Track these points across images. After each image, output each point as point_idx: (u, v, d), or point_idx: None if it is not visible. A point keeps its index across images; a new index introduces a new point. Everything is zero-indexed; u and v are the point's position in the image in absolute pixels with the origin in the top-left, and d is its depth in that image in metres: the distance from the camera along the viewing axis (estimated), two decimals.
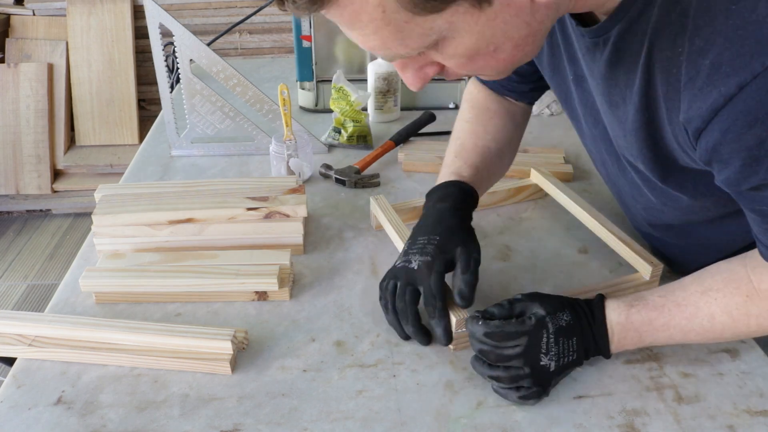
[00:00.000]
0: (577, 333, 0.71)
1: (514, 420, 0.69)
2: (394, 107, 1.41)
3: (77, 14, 2.79)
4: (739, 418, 0.69)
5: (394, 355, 0.78)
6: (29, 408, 0.71)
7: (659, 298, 0.71)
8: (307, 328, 0.82)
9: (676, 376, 0.74)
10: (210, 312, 0.85)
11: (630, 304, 0.72)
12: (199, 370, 0.75)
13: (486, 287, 0.89)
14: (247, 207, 0.93)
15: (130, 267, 0.88)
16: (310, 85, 1.45)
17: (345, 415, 0.70)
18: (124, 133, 2.87)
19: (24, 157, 2.79)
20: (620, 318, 0.71)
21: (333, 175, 1.17)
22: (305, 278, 0.91)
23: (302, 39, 1.39)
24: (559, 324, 0.70)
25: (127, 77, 2.83)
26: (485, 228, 1.02)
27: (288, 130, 1.15)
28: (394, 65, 0.64)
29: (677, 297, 0.71)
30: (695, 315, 0.69)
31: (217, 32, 1.80)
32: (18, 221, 2.90)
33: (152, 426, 0.69)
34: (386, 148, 1.27)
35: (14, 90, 2.76)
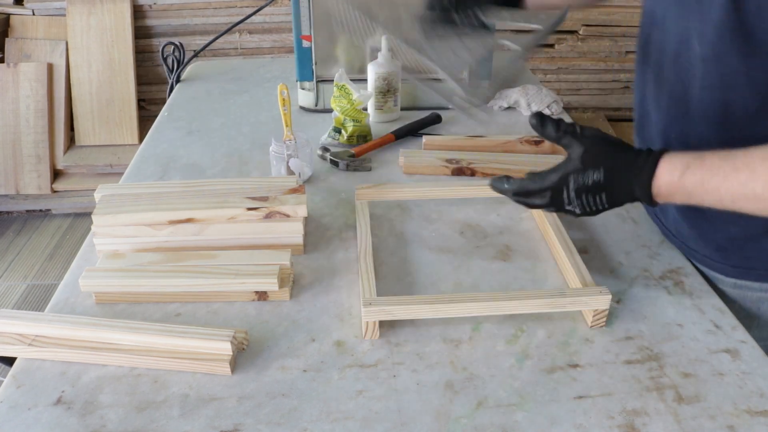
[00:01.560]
0: (608, 189, 0.73)
1: (514, 420, 0.69)
2: (394, 107, 1.41)
3: (77, 14, 2.79)
4: (740, 418, 0.69)
5: (394, 355, 0.78)
6: (29, 408, 0.71)
7: (718, 159, 0.69)
8: (307, 328, 0.82)
9: (676, 376, 0.74)
10: (210, 312, 0.85)
11: (687, 164, 0.70)
12: (199, 371, 0.75)
13: (486, 287, 0.89)
14: (247, 207, 0.93)
15: (130, 267, 0.88)
16: (310, 85, 1.45)
17: (345, 415, 0.70)
18: (124, 133, 2.87)
19: (24, 157, 2.79)
20: (673, 178, 0.71)
21: (328, 156, 1.23)
22: (305, 278, 0.91)
23: (302, 39, 1.38)
24: (583, 182, 0.73)
25: (127, 77, 2.83)
26: (485, 228, 1.02)
27: (288, 130, 1.15)
28: None
29: (737, 161, 0.68)
30: (750, 179, 0.66)
31: (217, 32, 1.80)
32: (18, 221, 2.90)
33: (152, 426, 0.69)
34: (386, 139, 1.28)
35: (14, 90, 2.76)
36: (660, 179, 0.72)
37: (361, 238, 0.94)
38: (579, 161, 0.74)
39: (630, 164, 0.73)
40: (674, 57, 0.83)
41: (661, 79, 0.87)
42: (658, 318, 0.84)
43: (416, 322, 0.83)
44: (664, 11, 0.85)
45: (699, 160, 0.70)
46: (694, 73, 0.80)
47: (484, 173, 1.18)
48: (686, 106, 0.83)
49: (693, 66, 0.79)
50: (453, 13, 0.92)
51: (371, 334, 0.80)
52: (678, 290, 0.89)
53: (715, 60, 0.76)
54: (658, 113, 0.90)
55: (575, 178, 0.74)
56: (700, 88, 0.80)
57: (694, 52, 0.79)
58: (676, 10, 0.82)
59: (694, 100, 0.82)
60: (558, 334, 0.81)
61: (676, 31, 0.82)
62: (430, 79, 0.82)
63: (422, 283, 0.90)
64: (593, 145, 0.75)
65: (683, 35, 0.80)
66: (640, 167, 0.72)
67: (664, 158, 0.72)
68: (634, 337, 0.81)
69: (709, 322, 0.83)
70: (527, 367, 0.76)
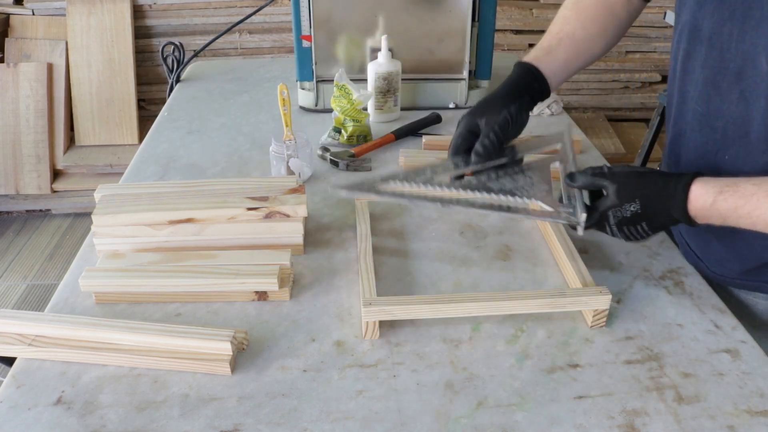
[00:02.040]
0: (647, 218, 0.75)
1: (514, 420, 0.69)
2: (394, 107, 1.41)
3: (77, 14, 2.79)
4: (740, 418, 0.69)
5: (394, 355, 0.78)
6: (29, 408, 0.71)
7: (752, 186, 0.71)
8: (307, 328, 0.82)
9: (676, 376, 0.74)
10: (210, 312, 0.85)
11: (720, 190, 0.72)
12: (199, 371, 0.75)
13: (486, 287, 0.89)
14: (247, 207, 0.93)
15: (130, 267, 0.88)
16: (310, 85, 1.45)
17: (345, 415, 0.70)
18: (124, 133, 2.87)
19: (24, 157, 2.79)
20: (706, 203, 0.73)
21: (328, 156, 1.23)
22: (305, 278, 0.91)
23: (302, 39, 1.38)
24: (622, 215, 0.76)
25: (126, 77, 2.83)
26: (485, 228, 1.02)
27: (288, 130, 1.15)
28: None
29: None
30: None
31: (217, 32, 1.80)
32: (18, 221, 2.90)
33: (152, 426, 0.69)
34: (386, 139, 1.29)
35: (14, 90, 2.76)
36: (693, 204, 0.74)
37: (361, 238, 0.94)
38: (615, 197, 0.77)
39: (662, 191, 0.75)
40: (737, 76, 0.80)
41: (714, 98, 0.84)
42: (658, 318, 0.84)
43: (416, 322, 0.83)
44: (716, 27, 0.82)
45: (733, 187, 0.72)
46: (760, 94, 0.78)
47: None
48: (746, 128, 0.81)
49: (759, 86, 0.78)
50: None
51: (371, 334, 0.80)
52: (678, 290, 0.89)
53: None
54: (702, 134, 0.88)
55: (614, 213, 0.77)
56: (766, 108, 0.78)
57: (762, 71, 0.77)
58: (733, 26, 0.79)
59: (756, 122, 0.79)
60: (558, 334, 0.81)
61: (737, 48, 0.79)
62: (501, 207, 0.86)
63: (422, 283, 0.90)
64: (626, 180, 0.77)
65: (748, 53, 0.78)
66: (672, 194, 0.74)
67: (696, 183, 0.74)
68: (634, 337, 0.81)
69: (709, 322, 0.83)
70: (527, 367, 0.76)
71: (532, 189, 0.87)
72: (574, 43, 0.98)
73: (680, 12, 0.90)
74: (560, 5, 1.03)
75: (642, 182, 0.77)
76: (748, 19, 0.77)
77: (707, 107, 0.86)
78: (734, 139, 0.83)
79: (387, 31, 1.37)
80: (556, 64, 0.96)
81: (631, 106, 3.13)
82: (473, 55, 1.44)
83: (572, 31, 0.98)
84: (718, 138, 0.85)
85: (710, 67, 0.84)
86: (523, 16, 2.92)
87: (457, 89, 1.47)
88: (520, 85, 0.93)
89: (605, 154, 1.21)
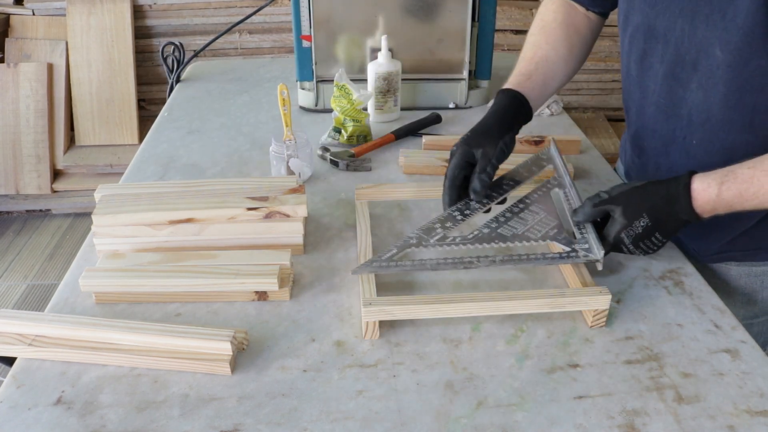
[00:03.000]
0: (658, 227, 0.77)
1: (514, 420, 0.69)
2: (394, 107, 1.41)
3: (77, 14, 2.79)
4: (740, 418, 0.69)
5: (394, 355, 0.78)
6: (29, 408, 0.71)
7: (748, 169, 0.74)
8: (307, 328, 0.82)
9: (676, 376, 0.74)
10: (210, 312, 0.85)
11: (721, 181, 0.75)
12: (199, 371, 0.75)
13: (486, 287, 0.89)
14: (247, 207, 0.93)
15: (130, 267, 0.88)
16: (310, 85, 1.45)
17: (345, 415, 0.70)
18: (124, 133, 2.87)
19: (24, 157, 2.79)
20: (711, 197, 0.76)
21: (328, 156, 1.22)
22: (305, 278, 0.91)
23: (302, 39, 1.38)
24: (635, 233, 0.78)
25: (126, 77, 2.83)
26: None
27: (288, 130, 1.15)
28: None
29: (765, 165, 0.74)
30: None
31: (217, 32, 1.80)
32: (18, 221, 2.90)
33: (152, 426, 0.69)
34: (386, 139, 1.29)
35: (14, 90, 2.76)
36: (699, 200, 0.76)
37: (361, 238, 0.94)
38: (623, 218, 0.79)
39: (666, 198, 0.77)
40: (693, 67, 0.86)
41: (675, 89, 0.89)
42: (658, 318, 0.84)
43: (416, 322, 0.83)
44: (669, 24, 0.87)
45: (731, 175, 0.75)
46: (717, 81, 0.83)
47: None
48: (708, 113, 0.86)
49: (715, 74, 0.82)
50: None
51: (371, 334, 0.80)
52: (678, 290, 0.89)
53: (743, 64, 0.80)
54: (668, 123, 0.92)
55: (627, 233, 0.79)
56: (725, 94, 0.83)
57: (716, 60, 0.82)
58: (684, 22, 0.84)
59: (716, 106, 0.85)
60: (558, 334, 0.81)
61: (690, 41, 0.84)
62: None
63: (422, 283, 0.90)
64: (627, 199, 0.79)
65: (701, 45, 0.83)
66: (675, 197, 0.77)
67: (695, 181, 0.77)
68: (634, 337, 0.81)
69: (709, 322, 0.83)
70: (527, 367, 0.76)
71: (543, 227, 0.89)
72: (549, 65, 1.02)
73: (629, 16, 0.94)
74: None
75: (644, 195, 0.79)
76: (696, 14, 0.82)
77: (670, 98, 0.91)
78: (698, 124, 0.88)
79: (387, 31, 1.37)
80: (537, 88, 1.01)
81: None
82: (473, 55, 1.44)
83: (545, 54, 1.02)
84: (684, 125, 0.90)
85: (668, 62, 0.89)
86: (523, 16, 2.92)
87: (457, 89, 1.47)
88: (509, 113, 0.96)
89: (605, 154, 1.21)
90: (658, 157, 0.98)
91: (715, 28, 0.80)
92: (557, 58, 1.02)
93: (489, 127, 0.93)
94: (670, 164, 0.96)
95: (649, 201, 0.79)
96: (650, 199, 0.79)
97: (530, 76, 1.00)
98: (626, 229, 0.79)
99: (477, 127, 0.94)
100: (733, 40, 0.79)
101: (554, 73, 1.02)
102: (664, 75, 0.90)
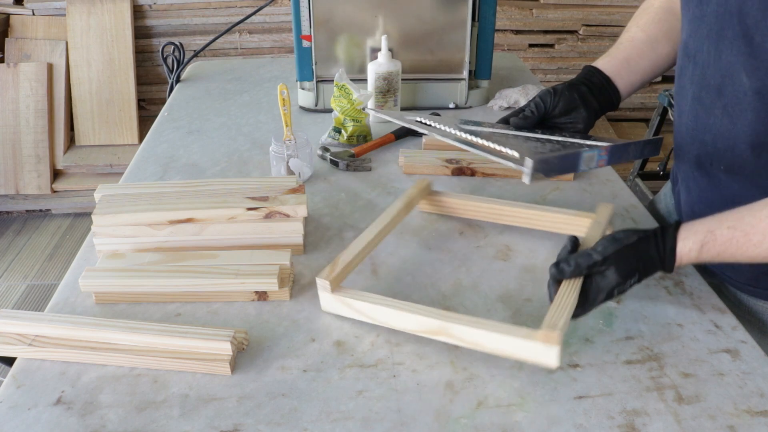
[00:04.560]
0: (642, 279, 0.78)
1: (514, 420, 0.69)
2: (394, 107, 1.41)
3: (77, 14, 2.79)
4: (740, 418, 0.69)
5: (394, 355, 0.78)
6: (29, 408, 0.71)
7: (728, 230, 0.74)
8: (307, 328, 0.82)
9: (677, 376, 0.74)
10: (210, 312, 0.85)
11: (701, 243, 0.75)
12: (199, 371, 0.75)
13: (486, 287, 0.89)
14: (247, 207, 0.93)
15: (130, 267, 0.88)
16: (310, 85, 1.45)
17: (345, 415, 0.70)
18: (124, 133, 2.87)
19: (24, 157, 2.79)
20: (690, 258, 0.77)
21: (328, 156, 1.23)
22: (305, 278, 0.91)
23: (302, 39, 1.38)
24: (625, 289, 0.78)
25: (126, 77, 2.83)
26: (485, 228, 1.02)
27: (288, 130, 1.15)
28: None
29: (746, 225, 0.73)
30: (762, 242, 0.72)
31: (217, 32, 1.80)
32: (18, 221, 2.90)
33: (152, 426, 0.69)
34: (386, 139, 1.29)
35: (14, 90, 2.76)
36: (681, 261, 0.77)
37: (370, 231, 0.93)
38: (616, 276, 0.77)
39: (655, 258, 0.78)
40: (718, 92, 0.83)
41: (700, 113, 0.87)
42: (658, 318, 0.84)
43: None
44: (698, 45, 0.85)
45: (711, 236, 0.75)
46: (744, 108, 0.80)
47: (484, 173, 1.18)
48: (734, 140, 0.83)
49: (742, 100, 0.80)
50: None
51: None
52: (678, 290, 0.89)
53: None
54: (694, 147, 0.90)
55: (619, 289, 0.78)
56: (753, 121, 0.80)
57: (743, 86, 0.80)
58: (710, 45, 0.82)
59: (744, 133, 0.82)
60: None
61: (715, 66, 0.82)
62: None
63: (422, 283, 0.90)
64: (618, 258, 0.78)
65: (726, 70, 0.81)
66: (662, 259, 0.77)
67: (678, 241, 0.77)
68: (634, 337, 0.81)
69: (709, 322, 0.83)
70: (527, 367, 0.76)
71: (531, 150, 0.86)
72: (634, 44, 1.02)
73: (681, 30, 0.92)
74: (561, 5, 1.06)
75: (637, 255, 0.78)
76: (721, 38, 0.80)
77: (695, 122, 0.89)
78: (724, 151, 0.85)
79: (387, 31, 1.37)
80: (616, 62, 1.01)
81: (631, 106, 3.13)
82: (473, 55, 1.44)
83: (632, 35, 1.03)
84: (710, 151, 0.88)
85: (696, 84, 0.87)
86: (523, 16, 2.92)
87: (457, 89, 1.47)
88: (575, 78, 1.00)
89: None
90: (688, 181, 0.95)
91: (740, 54, 0.78)
92: (645, 38, 1.01)
93: (554, 91, 0.98)
94: (699, 190, 0.93)
95: (641, 261, 0.78)
96: (642, 258, 0.78)
97: (609, 54, 1.02)
98: (619, 286, 0.78)
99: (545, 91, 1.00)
100: (763, 66, 0.76)
101: (640, 51, 1.01)
102: (692, 96, 0.88)
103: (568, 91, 0.97)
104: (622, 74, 1.00)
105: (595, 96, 0.98)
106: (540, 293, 0.88)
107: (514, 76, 1.67)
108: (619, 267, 0.77)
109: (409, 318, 0.77)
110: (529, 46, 2.96)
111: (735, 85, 0.80)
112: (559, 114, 0.97)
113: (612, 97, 1.00)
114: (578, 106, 0.97)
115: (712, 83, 0.84)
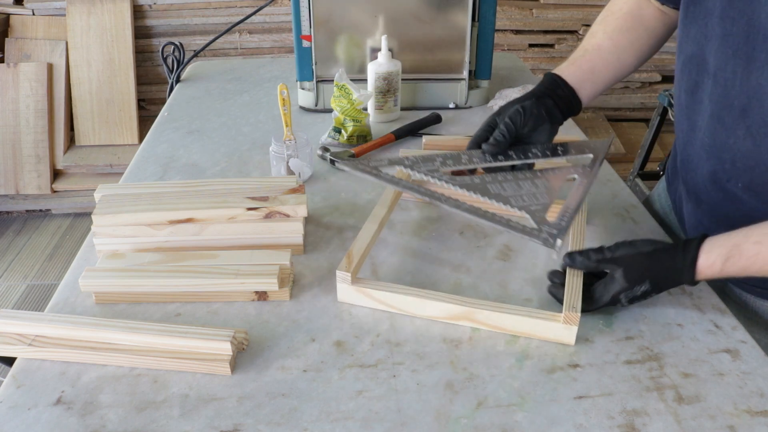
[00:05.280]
0: (657, 291, 0.78)
1: (514, 420, 0.69)
2: (394, 107, 1.41)
3: (77, 14, 2.79)
4: (740, 418, 0.69)
5: (394, 355, 0.78)
6: (29, 408, 0.71)
7: (755, 245, 0.73)
8: (307, 328, 0.82)
9: (677, 376, 0.74)
10: (210, 312, 0.85)
11: (726, 257, 0.74)
12: (199, 371, 0.75)
13: (486, 287, 0.89)
14: (247, 207, 0.93)
15: (130, 267, 0.88)
16: (310, 85, 1.45)
17: (345, 415, 0.70)
18: (124, 133, 2.87)
19: (24, 157, 2.79)
20: (714, 272, 0.76)
21: (328, 156, 1.22)
22: (305, 278, 0.91)
23: (302, 39, 1.38)
24: (633, 295, 0.78)
25: (126, 77, 2.83)
26: (485, 228, 1.02)
27: (288, 130, 1.15)
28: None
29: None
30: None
31: (217, 32, 1.80)
32: (18, 221, 2.90)
33: (152, 426, 0.69)
34: (386, 139, 1.29)
35: (14, 90, 2.76)
36: (701, 274, 0.76)
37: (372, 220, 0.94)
38: (624, 280, 0.78)
39: (671, 268, 0.76)
40: (742, 113, 0.80)
41: (719, 132, 0.84)
42: (658, 318, 0.84)
43: (416, 321, 0.83)
44: (720, 63, 0.81)
45: (737, 250, 0.74)
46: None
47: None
48: (756, 160, 0.81)
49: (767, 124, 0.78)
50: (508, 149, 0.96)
51: None
52: (678, 290, 0.88)
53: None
54: (710, 163, 0.88)
55: (626, 295, 0.78)
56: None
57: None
58: (737, 65, 0.79)
59: (767, 155, 0.80)
60: None
61: (742, 86, 0.79)
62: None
63: (422, 283, 0.90)
64: (630, 262, 0.78)
65: (754, 91, 0.78)
66: (680, 269, 0.76)
67: (702, 255, 0.75)
68: (634, 337, 0.81)
69: (709, 322, 0.83)
70: (527, 367, 0.76)
71: (531, 200, 0.87)
72: (600, 53, 1.00)
73: (683, 42, 0.89)
74: (561, 5, 1.05)
75: (649, 263, 0.78)
76: (753, 60, 0.77)
77: (713, 140, 0.86)
78: (744, 170, 0.83)
79: (387, 31, 1.37)
80: (581, 73, 0.99)
81: (631, 106, 3.13)
82: (473, 55, 1.44)
83: (598, 43, 1.00)
84: (727, 168, 0.85)
85: (716, 102, 0.84)
86: (523, 16, 2.92)
87: (457, 89, 1.47)
88: (540, 89, 0.98)
89: (605, 154, 1.19)
90: (700, 194, 0.93)
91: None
92: (612, 47, 1.00)
93: (516, 99, 0.96)
94: (712, 204, 0.91)
95: (654, 269, 0.78)
96: (655, 267, 0.77)
97: (575, 62, 1.00)
98: (626, 291, 0.78)
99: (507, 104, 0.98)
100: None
101: (606, 61, 1.00)
102: (711, 114, 0.85)
103: (536, 108, 0.94)
104: (586, 86, 0.99)
105: (560, 108, 0.97)
106: (540, 293, 0.88)
107: (514, 76, 1.68)
108: (627, 271, 0.77)
109: (434, 305, 0.82)
110: (529, 46, 2.96)
111: (763, 108, 0.77)
112: (527, 132, 0.95)
113: (575, 108, 0.99)
114: (545, 120, 0.95)
115: (735, 104, 0.81)
